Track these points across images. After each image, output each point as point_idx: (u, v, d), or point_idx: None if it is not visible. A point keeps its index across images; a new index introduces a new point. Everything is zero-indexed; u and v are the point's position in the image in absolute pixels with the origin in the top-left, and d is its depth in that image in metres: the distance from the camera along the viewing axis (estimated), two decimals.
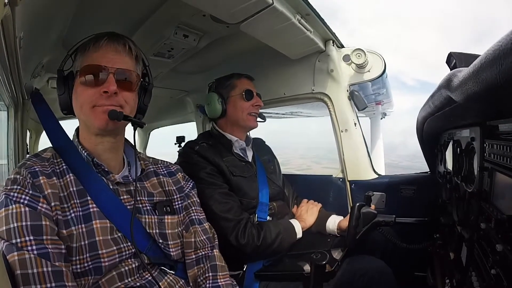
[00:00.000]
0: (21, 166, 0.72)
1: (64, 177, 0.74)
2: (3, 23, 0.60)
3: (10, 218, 0.63)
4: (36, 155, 0.77)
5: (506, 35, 0.33)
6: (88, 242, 0.69)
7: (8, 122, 1.32)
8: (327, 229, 1.28)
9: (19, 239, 0.61)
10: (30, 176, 0.69)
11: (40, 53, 1.05)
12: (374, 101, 3.22)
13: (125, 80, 0.76)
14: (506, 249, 0.51)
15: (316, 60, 1.51)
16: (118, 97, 0.74)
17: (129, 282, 0.73)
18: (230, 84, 1.30)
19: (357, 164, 1.55)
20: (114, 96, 0.74)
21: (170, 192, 0.90)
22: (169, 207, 0.86)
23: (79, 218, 0.71)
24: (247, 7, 0.95)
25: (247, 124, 1.30)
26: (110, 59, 0.74)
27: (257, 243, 1.09)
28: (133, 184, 0.81)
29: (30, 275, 0.59)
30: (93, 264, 0.69)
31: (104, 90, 0.72)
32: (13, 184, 0.67)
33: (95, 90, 0.73)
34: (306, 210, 1.34)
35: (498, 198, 0.61)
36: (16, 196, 0.65)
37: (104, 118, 0.73)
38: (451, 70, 0.62)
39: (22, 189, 0.67)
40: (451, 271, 0.88)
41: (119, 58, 0.76)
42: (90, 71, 0.73)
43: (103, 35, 0.76)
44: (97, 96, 0.73)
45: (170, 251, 0.82)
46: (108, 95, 0.73)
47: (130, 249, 0.74)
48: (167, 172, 0.94)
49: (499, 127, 0.63)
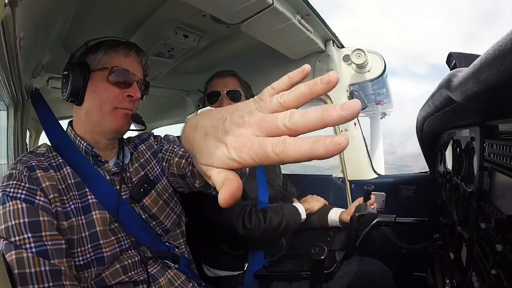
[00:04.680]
0: (17, 162, 0.72)
1: (61, 170, 0.75)
2: (3, 23, 0.60)
3: (8, 216, 0.63)
4: (31, 151, 0.77)
5: (506, 35, 0.33)
6: (89, 233, 0.70)
7: (8, 122, 1.32)
8: (329, 221, 1.29)
9: (17, 237, 0.61)
10: (27, 170, 0.69)
11: (40, 53, 1.05)
12: (374, 101, 3.23)
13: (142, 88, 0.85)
14: (506, 249, 0.51)
15: (316, 60, 1.51)
16: (135, 103, 0.82)
17: (133, 275, 0.74)
18: (206, 87, 1.33)
19: (357, 164, 1.55)
20: (134, 101, 0.81)
21: (144, 163, 0.90)
22: (146, 184, 0.86)
23: (79, 210, 0.71)
24: (247, 7, 0.95)
25: None
26: (135, 69, 0.82)
27: (264, 226, 1.10)
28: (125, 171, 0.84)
29: (28, 275, 0.59)
30: (95, 255, 0.70)
31: (129, 94, 0.79)
32: (9, 179, 0.67)
33: (120, 92, 0.78)
34: (312, 197, 1.37)
35: (498, 198, 0.61)
36: (12, 192, 0.65)
37: (124, 121, 0.79)
38: (451, 70, 0.62)
39: (18, 183, 0.66)
40: (451, 271, 0.88)
41: (139, 70, 0.84)
42: (121, 73, 0.79)
43: (132, 45, 0.84)
44: (120, 98, 0.78)
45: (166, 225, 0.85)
46: (130, 99, 0.79)
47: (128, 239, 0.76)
48: (140, 140, 0.95)
49: (499, 127, 0.63)
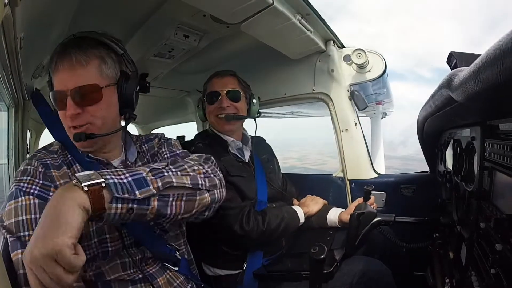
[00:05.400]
0: (31, 157, 0.73)
1: (72, 168, 0.77)
2: (4, 23, 0.60)
3: (20, 210, 0.63)
4: (44, 148, 0.78)
5: (506, 35, 0.33)
6: (96, 228, 0.71)
7: (9, 122, 1.32)
8: (328, 221, 1.28)
9: (26, 232, 0.61)
10: (42, 166, 0.70)
11: (41, 53, 1.05)
12: (374, 101, 3.22)
13: (84, 97, 0.71)
14: (505, 249, 0.51)
15: (316, 60, 1.51)
16: (83, 115, 0.72)
17: (131, 273, 0.75)
18: (204, 88, 1.32)
19: (357, 164, 1.55)
20: (77, 116, 0.72)
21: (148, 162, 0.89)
22: None
23: None
24: (247, 7, 0.95)
25: (218, 128, 1.28)
26: (65, 80, 0.71)
27: (263, 228, 1.10)
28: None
29: None
30: (101, 249, 0.71)
31: (67, 114, 0.71)
32: (23, 174, 0.68)
33: (64, 113, 0.73)
34: (311, 199, 1.35)
35: (498, 197, 0.61)
36: (26, 187, 0.66)
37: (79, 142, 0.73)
38: (452, 69, 0.62)
39: (32, 179, 0.67)
40: (451, 271, 0.88)
41: (72, 76, 0.71)
42: (55, 96, 0.73)
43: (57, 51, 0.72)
44: (67, 119, 0.73)
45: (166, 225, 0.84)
46: (72, 117, 0.71)
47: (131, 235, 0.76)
48: (145, 140, 0.94)
49: (499, 126, 0.63)
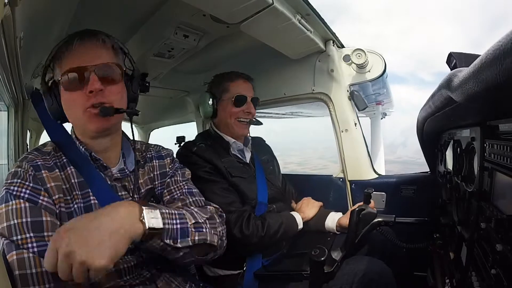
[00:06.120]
0: (22, 159, 0.71)
1: (65, 170, 0.75)
2: (3, 23, 0.60)
3: (10, 215, 0.62)
4: (37, 149, 0.77)
5: (506, 35, 0.33)
6: None
7: (9, 122, 1.32)
8: (326, 227, 1.27)
9: (19, 236, 0.61)
10: (32, 169, 0.69)
11: (40, 53, 1.05)
12: (374, 101, 3.22)
13: (107, 74, 0.73)
14: (506, 249, 0.51)
15: (316, 60, 1.51)
16: (104, 93, 0.72)
17: (128, 279, 0.74)
18: (223, 86, 1.28)
19: (357, 164, 1.55)
20: (100, 93, 0.72)
21: (153, 178, 0.89)
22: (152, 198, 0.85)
23: (81, 210, 0.72)
24: (247, 7, 0.95)
25: (235, 130, 1.28)
26: (87, 57, 0.72)
27: (262, 233, 1.10)
28: (129, 177, 0.82)
29: (29, 275, 0.59)
30: None
31: (90, 90, 0.70)
32: (13, 177, 0.67)
33: (81, 93, 0.72)
34: (307, 204, 1.34)
35: (498, 198, 0.61)
36: (16, 190, 0.65)
37: (98, 120, 0.72)
38: (452, 70, 0.62)
39: (22, 182, 0.66)
40: (451, 271, 0.88)
41: (96, 54, 0.73)
42: (71, 75, 0.71)
43: (73, 36, 0.73)
44: (84, 98, 0.72)
45: None
46: (94, 94, 0.71)
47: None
48: (157, 156, 0.92)
49: (499, 127, 0.63)
